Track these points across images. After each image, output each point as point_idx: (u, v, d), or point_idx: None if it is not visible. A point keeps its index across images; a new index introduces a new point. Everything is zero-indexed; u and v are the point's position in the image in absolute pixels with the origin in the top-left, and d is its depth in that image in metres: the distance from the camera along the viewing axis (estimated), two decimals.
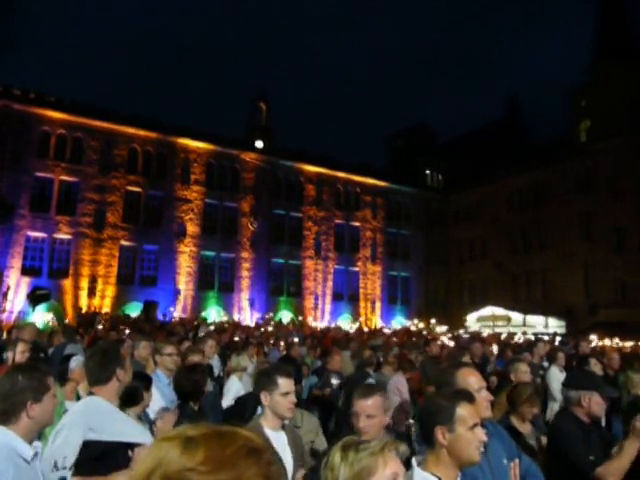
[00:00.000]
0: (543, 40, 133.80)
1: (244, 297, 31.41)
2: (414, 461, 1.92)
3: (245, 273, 31.78)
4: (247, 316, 29.94)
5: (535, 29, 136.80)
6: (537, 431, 3.73)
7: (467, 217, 39.30)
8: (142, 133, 29.39)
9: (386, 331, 23.18)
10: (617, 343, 18.41)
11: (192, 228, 30.36)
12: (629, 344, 18.16)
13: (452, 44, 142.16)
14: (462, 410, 1.92)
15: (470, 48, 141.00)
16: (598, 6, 32.67)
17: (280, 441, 2.68)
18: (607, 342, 18.36)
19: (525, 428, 3.61)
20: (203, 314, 27.86)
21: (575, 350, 10.55)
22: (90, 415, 2.54)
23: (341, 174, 35.91)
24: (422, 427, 2.01)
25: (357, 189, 36.72)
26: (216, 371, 6.75)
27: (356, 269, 36.01)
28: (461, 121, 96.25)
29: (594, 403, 2.92)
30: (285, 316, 31.22)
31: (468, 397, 2.02)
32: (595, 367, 5.73)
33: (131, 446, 2.37)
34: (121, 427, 2.56)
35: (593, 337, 19.46)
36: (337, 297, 34.82)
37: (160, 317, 24.35)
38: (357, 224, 36.44)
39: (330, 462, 1.47)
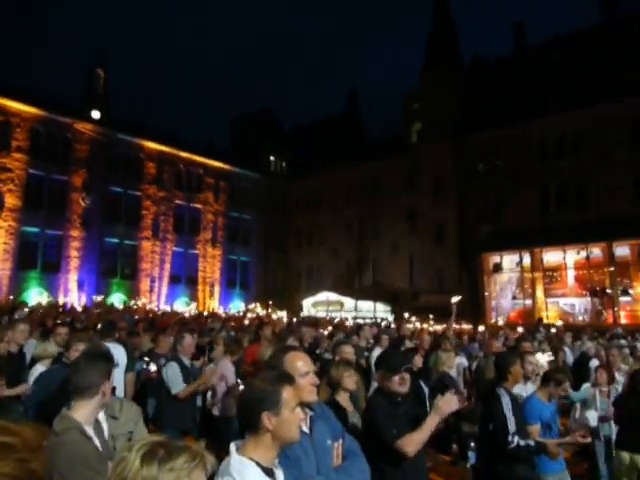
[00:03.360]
0: (393, 41, 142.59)
1: (72, 278, 29.05)
2: (232, 447, 1.93)
3: (74, 252, 29.38)
4: (75, 299, 27.78)
5: (384, 30, 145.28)
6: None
7: (307, 205, 40.56)
8: None
9: (223, 315, 23.10)
10: (432, 325, 20.47)
11: (12, 200, 27.18)
12: (441, 327, 20.29)
13: (306, 35, 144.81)
14: (286, 393, 1.97)
15: (321, 41, 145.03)
16: (431, 19, 35.50)
17: (100, 433, 2.51)
18: (425, 325, 20.32)
19: (349, 406, 3.87)
20: (21, 297, 25.28)
21: (397, 333, 11.52)
22: None
23: (184, 154, 34.78)
24: (246, 414, 1.97)
25: (200, 170, 35.88)
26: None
27: (196, 252, 35.31)
28: (308, 111, 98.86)
29: (385, 379, 3.22)
30: (118, 299, 29.55)
31: (289, 379, 2.09)
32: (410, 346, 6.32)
33: None
34: None
35: (414, 320, 21.51)
36: (175, 280, 33.86)
37: None
38: (199, 206, 35.68)
39: (125, 466, 1.23)
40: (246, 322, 16.42)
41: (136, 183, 32.41)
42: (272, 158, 42.88)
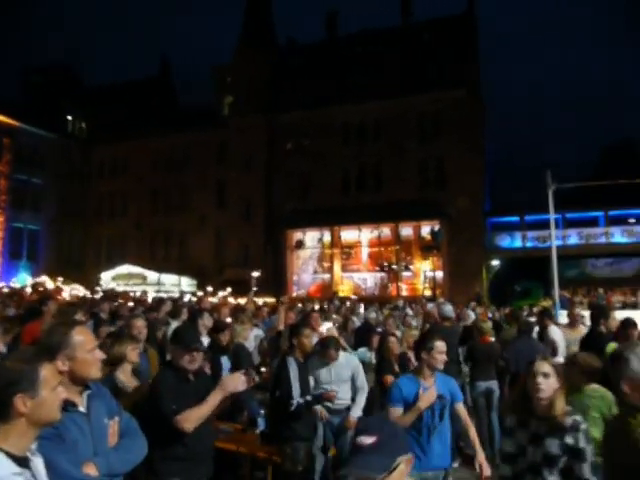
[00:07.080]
0: (215, 10, 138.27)
1: None
2: None
3: None
4: None
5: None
6: None
7: (110, 171, 37.95)
8: None
9: (5, 290, 20.60)
10: (236, 299, 20.85)
11: None
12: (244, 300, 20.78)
13: None
14: (45, 371, 1.81)
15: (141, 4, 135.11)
16: None
17: None
18: (229, 299, 20.59)
19: (131, 381, 3.81)
20: None
21: (199, 306, 11.50)
22: None
23: None
24: None
25: None
26: None
27: None
28: (115, 73, 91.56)
29: (177, 355, 3.27)
30: None
31: (49, 356, 1.96)
32: (208, 320, 6.40)
33: None
34: None
35: (221, 294, 21.68)
36: None
37: None
38: None
39: None
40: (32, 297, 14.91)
41: None
42: (70, 117, 38.96)
